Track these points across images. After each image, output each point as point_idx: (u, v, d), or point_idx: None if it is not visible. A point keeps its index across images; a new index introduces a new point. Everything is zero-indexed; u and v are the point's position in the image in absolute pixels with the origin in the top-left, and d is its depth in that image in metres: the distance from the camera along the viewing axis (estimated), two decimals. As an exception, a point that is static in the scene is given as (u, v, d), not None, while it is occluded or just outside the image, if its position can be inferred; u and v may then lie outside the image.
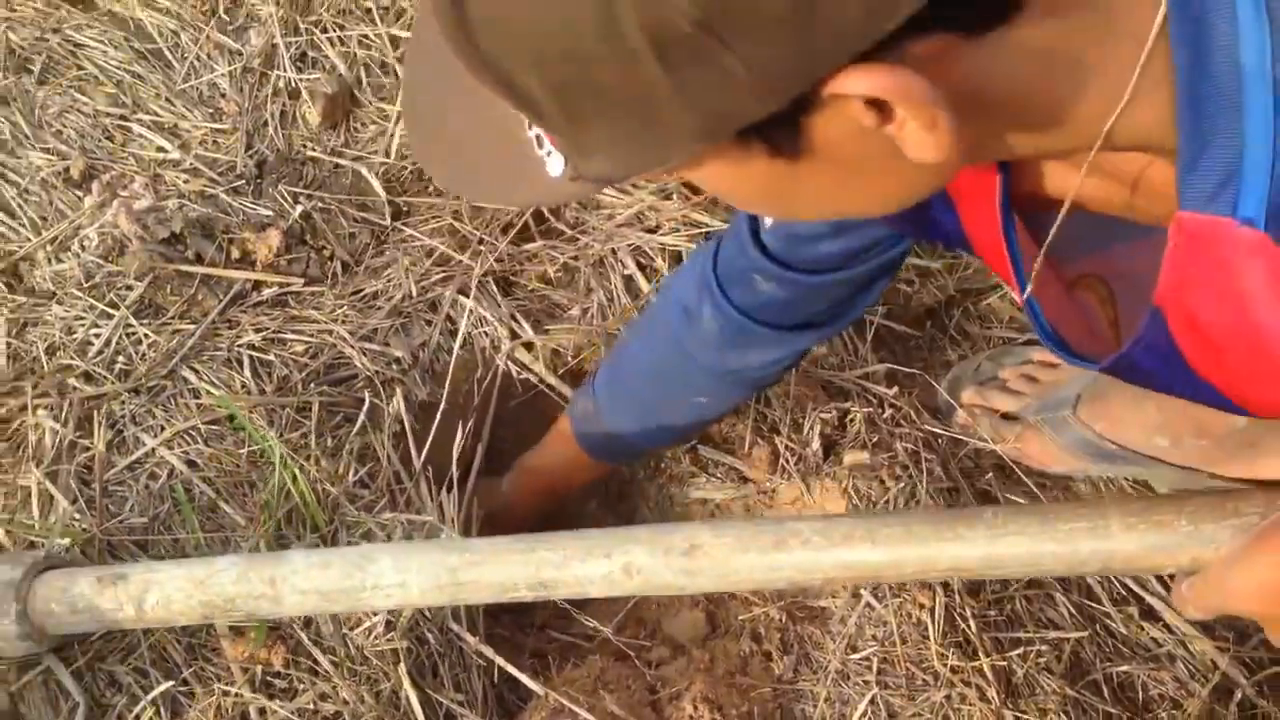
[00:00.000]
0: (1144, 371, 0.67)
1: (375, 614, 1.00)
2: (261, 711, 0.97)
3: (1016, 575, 0.91)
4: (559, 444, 1.21)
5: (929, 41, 0.47)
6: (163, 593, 0.92)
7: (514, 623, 1.19)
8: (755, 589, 1.04)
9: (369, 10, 1.43)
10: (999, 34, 0.50)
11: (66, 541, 1.04)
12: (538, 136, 0.55)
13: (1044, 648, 1.07)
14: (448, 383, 1.21)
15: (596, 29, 0.43)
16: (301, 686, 0.98)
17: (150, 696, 0.95)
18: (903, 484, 1.13)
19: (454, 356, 1.23)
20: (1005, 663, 1.05)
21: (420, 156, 0.64)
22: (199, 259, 1.24)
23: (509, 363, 1.26)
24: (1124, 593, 1.13)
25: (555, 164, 0.54)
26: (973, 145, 0.53)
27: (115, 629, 0.97)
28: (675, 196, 1.30)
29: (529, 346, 1.26)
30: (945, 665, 1.04)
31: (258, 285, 1.24)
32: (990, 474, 1.19)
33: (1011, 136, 0.56)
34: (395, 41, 1.42)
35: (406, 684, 0.97)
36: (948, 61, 0.49)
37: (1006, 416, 1.22)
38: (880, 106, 0.48)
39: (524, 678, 1.02)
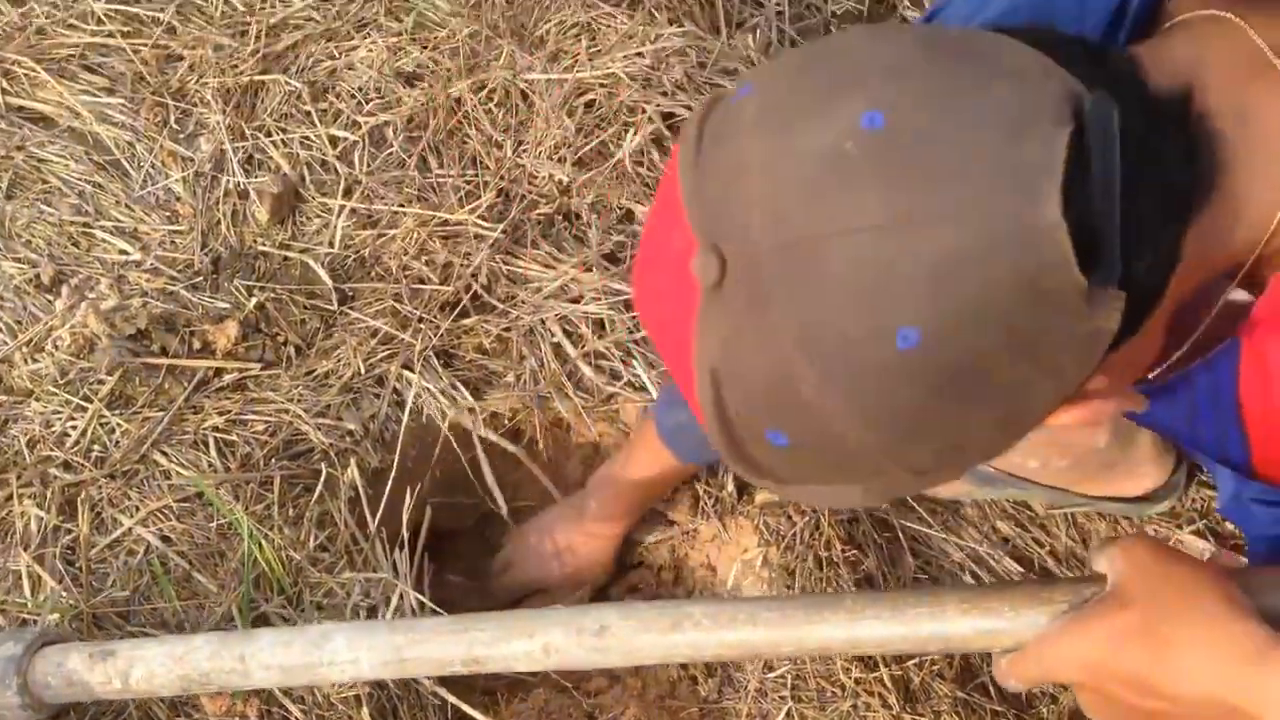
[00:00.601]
0: (1184, 397, 0.78)
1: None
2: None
3: (873, 653, 1.03)
4: (649, 455, 1.23)
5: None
6: (146, 668, 1.04)
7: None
8: (657, 663, 1.16)
9: (309, 113, 1.57)
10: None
11: (56, 617, 1.15)
12: None
13: (937, 657, 1.21)
14: (398, 450, 1.34)
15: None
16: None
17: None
18: (807, 518, 1.27)
19: (403, 426, 1.36)
20: (903, 672, 1.19)
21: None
22: (164, 351, 1.36)
23: (453, 429, 1.39)
24: (1007, 602, 1.27)
25: None
26: None
27: (104, 700, 1.09)
28: (595, 269, 1.44)
29: (471, 410, 1.39)
30: (850, 678, 1.18)
31: (219, 372, 1.36)
32: (886, 504, 1.33)
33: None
34: (334, 141, 1.56)
35: (369, 724, 1.09)
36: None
37: None
38: None
39: (476, 714, 1.14)
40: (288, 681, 1.04)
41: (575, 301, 1.45)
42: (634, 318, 1.44)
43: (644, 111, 1.51)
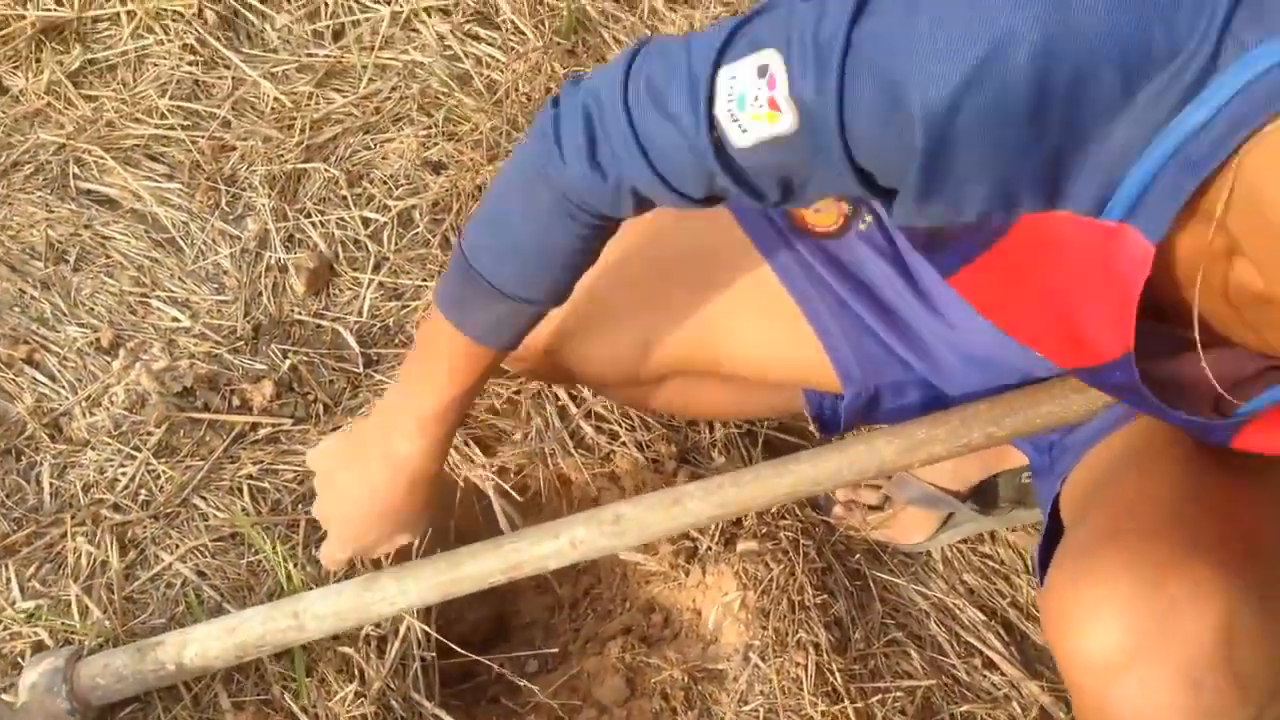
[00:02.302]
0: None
1: (349, 683, 1.24)
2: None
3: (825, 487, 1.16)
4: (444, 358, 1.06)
5: None
6: (200, 646, 1.17)
7: (468, 693, 1.43)
8: (665, 535, 1.26)
9: (345, 197, 1.74)
10: None
11: (101, 640, 1.29)
12: None
13: (899, 694, 1.31)
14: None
15: None
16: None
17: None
18: (783, 565, 1.39)
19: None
20: (866, 706, 1.29)
21: None
22: (207, 407, 1.51)
23: (465, 482, 1.52)
24: (968, 647, 1.37)
25: None
26: None
27: (158, 686, 1.21)
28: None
29: (482, 466, 1.53)
30: (818, 711, 1.28)
31: (254, 426, 1.51)
32: (858, 555, 1.44)
33: None
34: (366, 222, 1.72)
35: (375, 741, 1.21)
36: None
37: (873, 508, 1.48)
38: None
39: (473, 735, 1.26)
40: (341, 626, 1.18)
41: (579, 368, 1.59)
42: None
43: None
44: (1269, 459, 0.86)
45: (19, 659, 1.26)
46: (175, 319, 1.62)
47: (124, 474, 1.45)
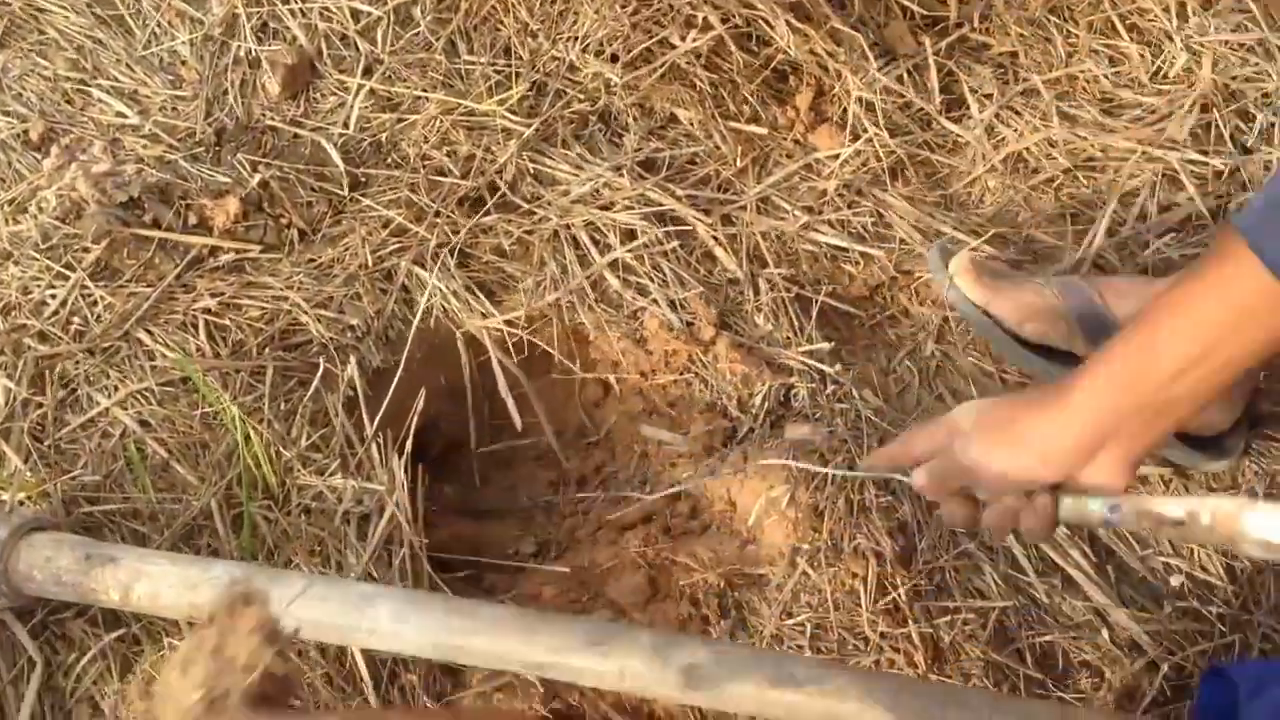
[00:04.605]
0: None
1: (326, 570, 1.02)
2: (209, 664, 0.99)
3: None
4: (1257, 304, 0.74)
5: None
6: (152, 586, 0.94)
7: (465, 578, 1.22)
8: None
9: (331, -18, 1.45)
10: None
11: (22, 495, 1.06)
12: None
13: (970, 615, 1.11)
14: (405, 351, 1.23)
15: None
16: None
17: (99, 646, 0.97)
18: (841, 457, 1.17)
19: (413, 327, 1.26)
20: (933, 630, 1.10)
21: None
22: (156, 224, 1.25)
23: (464, 335, 1.28)
24: (1048, 564, 1.18)
25: None
26: None
27: (93, 606, 0.99)
28: (626, 174, 1.33)
29: (484, 315, 1.29)
30: (875, 631, 1.08)
31: (214, 251, 1.26)
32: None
33: None
34: (356, 15, 1.43)
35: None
36: None
37: None
38: None
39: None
40: (317, 638, 0.94)
41: (605, 209, 1.34)
42: (665, 230, 1.34)
43: (708, 13, 1.38)
44: None
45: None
46: (120, 114, 1.34)
47: (53, 297, 1.20)
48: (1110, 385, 0.79)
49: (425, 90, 1.38)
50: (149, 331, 1.20)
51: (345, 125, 1.37)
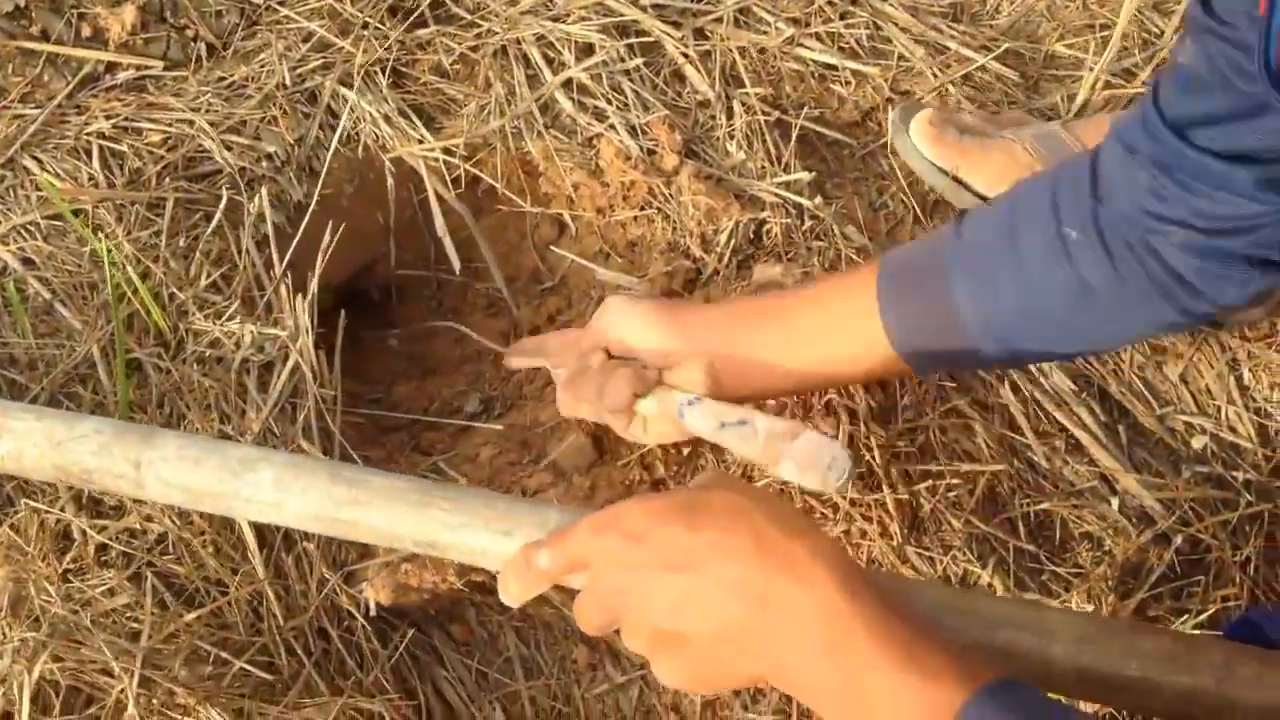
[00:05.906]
0: None
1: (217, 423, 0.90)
2: (84, 533, 0.88)
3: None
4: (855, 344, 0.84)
5: None
6: (15, 444, 0.82)
7: (394, 443, 1.10)
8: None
9: None
10: None
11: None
12: None
13: (956, 481, 0.98)
14: (320, 181, 1.09)
15: None
16: (129, 504, 0.89)
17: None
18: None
19: (330, 152, 1.11)
20: (911, 496, 0.97)
21: None
22: (45, 36, 1.11)
23: (394, 163, 1.14)
24: (1051, 424, 1.03)
25: None
26: None
27: None
28: (585, -22, 1.15)
29: (420, 140, 1.14)
30: (844, 498, 0.95)
31: (111, 67, 1.12)
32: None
33: None
34: None
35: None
36: None
37: None
38: None
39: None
40: (189, 505, 0.82)
41: (559, 20, 1.17)
42: (628, 45, 1.17)
43: None
44: None
45: None
46: (7, -89, 1.18)
47: (-76, 119, 1.06)
48: (721, 327, 0.87)
49: (357, -116, 1.20)
50: (36, 158, 1.07)
51: (263, -76, 1.20)
